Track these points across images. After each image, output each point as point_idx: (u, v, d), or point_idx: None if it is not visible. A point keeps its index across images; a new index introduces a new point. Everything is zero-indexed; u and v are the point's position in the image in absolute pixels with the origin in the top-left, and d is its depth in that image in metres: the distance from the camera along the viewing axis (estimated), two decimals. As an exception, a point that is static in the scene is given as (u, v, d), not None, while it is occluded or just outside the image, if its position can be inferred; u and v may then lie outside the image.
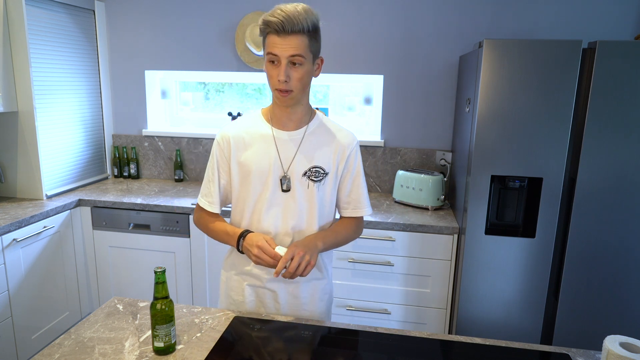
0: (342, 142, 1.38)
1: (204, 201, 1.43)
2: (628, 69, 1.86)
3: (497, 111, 1.98)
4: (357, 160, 1.42)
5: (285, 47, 1.20)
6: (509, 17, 2.61)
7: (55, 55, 2.66)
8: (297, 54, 1.21)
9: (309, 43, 1.23)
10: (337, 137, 1.38)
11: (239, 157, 1.36)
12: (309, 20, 1.21)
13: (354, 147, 1.40)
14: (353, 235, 1.46)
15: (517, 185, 2.05)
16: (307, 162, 1.35)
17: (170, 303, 1.14)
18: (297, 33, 1.20)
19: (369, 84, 2.95)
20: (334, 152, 1.37)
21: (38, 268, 2.39)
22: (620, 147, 1.93)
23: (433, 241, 2.30)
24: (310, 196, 1.36)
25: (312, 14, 1.23)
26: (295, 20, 1.19)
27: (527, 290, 2.11)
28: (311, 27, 1.22)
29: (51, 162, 2.70)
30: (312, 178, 1.35)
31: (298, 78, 1.24)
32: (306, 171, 1.35)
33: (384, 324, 2.44)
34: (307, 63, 1.25)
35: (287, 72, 1.23)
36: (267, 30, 1.21)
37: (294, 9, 1.19)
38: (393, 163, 2.90)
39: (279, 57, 1.21)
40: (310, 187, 1.35)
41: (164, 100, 3.28)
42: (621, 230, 1.99)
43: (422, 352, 1.20)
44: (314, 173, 1.35)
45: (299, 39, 1.20)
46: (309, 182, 1.35)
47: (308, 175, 1.35)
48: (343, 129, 1.41)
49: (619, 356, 1.00)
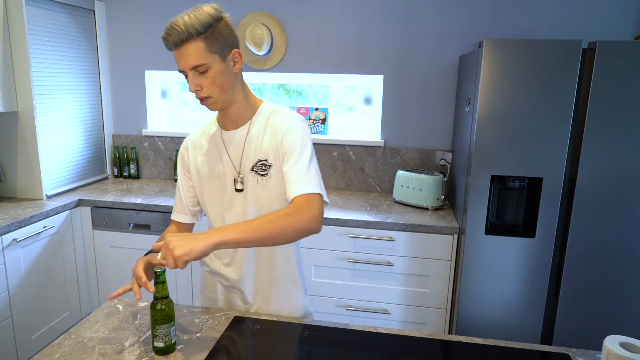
0: (278, 128, 1.30)
1: (173, 212, 1.46)
2: (628, 69, 1.86)
3: (497, 111, 1.98)
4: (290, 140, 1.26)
5: (184, 59, 1.16)
6: (509, 17, 2.61)
7: (55, 55, 2.66)
8: (196, 65, 1.16)
9: (207, 45, 1.16)
10: (275, 124, 1.31)
11: (197, 163, 1.38)
12: (199, 23, 1.13)
13: (286, 129, 1.28)
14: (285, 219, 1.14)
15: (517, 185, 2.05)
16: (253, 157, 1.32)
17: (170, 303, 1.14)
18: (188, 41, 1.14)
19: (369, 84, 2.95)
20: (272, 140, 1.30)
21: (38, 268, 2.39)
22: (620, 147, 1.93)
23: (433, 241, 2.30)
24: (261, 191, 1.32)
25: (204, 14, 1.15)
26: (180, 29, 1.12)
27: (527, 290, 2.11)
28: (202, 29, 1.14)
29: (51, 162, 2.70)
30: (259, 172, 1.31)
31: (209, 83, 1.19)
32: (253, 166, 1.31)
33: (384, 324, 2.44)
34: (215, 64, 1.18)
35: (196, 81, 1.19)
36: (168, 48, 1.18)
37: (181, 18, 1.14)
38: (393, 163, 2.90)
39: (184, 70, 1.18)
40: (260, 182, 1.32)
41: (164, 100, 3.28)
42: (621, 230, 1.99)
43: (422, 352, 1.20)
44: (260, 167, 1.31)
45: (193, 47, 1.15)
46: (257, 177, 1.32)
47: (255, 170, 1.32)
48: (287, 115, 1.32)
49: (619, 356, 1.00)
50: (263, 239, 1.12)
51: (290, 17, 2.84)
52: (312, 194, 1.20)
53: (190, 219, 1.45)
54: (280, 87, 3.13)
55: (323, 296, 2.46)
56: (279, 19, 2.84)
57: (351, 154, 2.92)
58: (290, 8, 2.82)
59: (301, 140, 1.27)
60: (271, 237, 1.12)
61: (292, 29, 2.85)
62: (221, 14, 1.20)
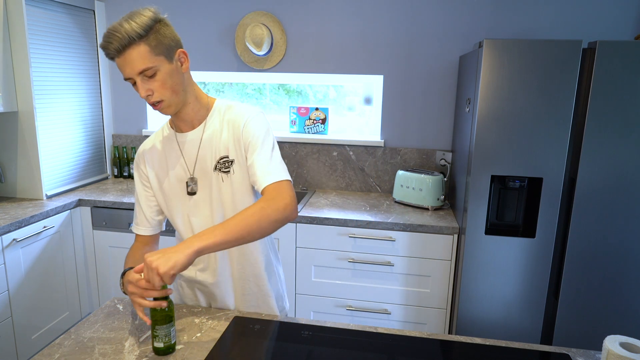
0: (235, 122, 1.28)
1: (133, 224, 1.42)
2: (628, 69, 1.86)
3: (497, 111, 1.98)
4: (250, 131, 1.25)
5: (129, 66, 1.13)
6: (509, 17, 2.61)
7: (55, 55, 2.66)
8: (143, 69, 1.13)
9: (150, 48, 1.13)
10: (231, 118, 1.29)
11: (155, 170, 1.35)
12: (137, 27, 1.10)
13: (244, 121, 1.26)
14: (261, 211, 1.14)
15: (517, 185, 2.06)
16: (214, 156, 1.30)
17: (170, 303, 1.14)
18: (129, 46, 1.11)
19: (369, 84, 2.95)
20: (230, 135, 1.28)
21: (38, 268, 2.39)
22: (620, 147, 1.93)
23: (433, 241, 2.30)
24: (226, 189, 1.31)
25: (141, 17, 1.12)
26: (120, 35, 1.09)
27: (527, 290, 2.11)
28: (143, 32, 1.11)
29: (51, 162, 2.70)
30: (222, 170, 1.29)
31: (159, 86, 1.17)
32: (216, 165, 1.30)
33: (384, 324, 2.44)
34: (162, 66, 1.16)
35: (145, 87, 1.16)
36: (110, 57, 1.14)
37: (119, 24, 1.10)
38: (393, 163, 2.90)
39: (131, 77, 1.15)
40: (225, 180, 1.30)
41: (164, 100, 3.28)
42: (621, 230, 1.99)
43: (422, 352, 1.20)
44: (223, 164, 1.29)
45: (135, 52, 1.11)
46: (221, 174, 1.30)
47: (219, 168, 1.29)
48: (241, 108, 1.30)
49: (619, 356, 1.00)
50: (242, 237, 1.11)
51: (290, 17, 2.84)
52: (280, 181, 1.20)
53: (152, 230, 1.41)
54: (280, 87, 3.13)
55: (323, 296, 2.46)
56: (279, 19, 2.84)
57: (351, 154, 2.92)
58: (290, 8, 2.82)
59: (261, 130, 1.26)
60: (250, 232, 1.12)
61: (292, 29, 2.85)
62: (159, 15, 1.17)
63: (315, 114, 2.99)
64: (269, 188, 1.20)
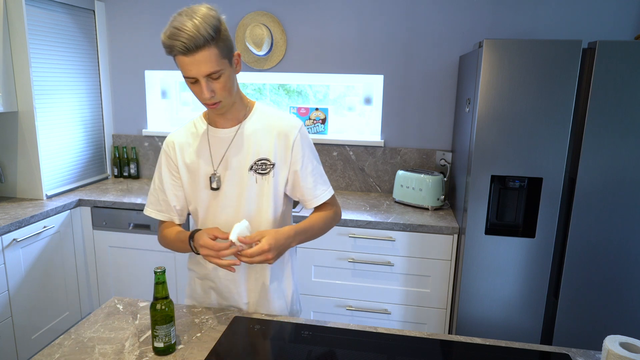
0: (284, 130, 1.32)
1: (152, 210, 1.41)
2: (628, 69, 1.86)
3: (497, 111, 1.98)
4: (303, 146, 1.34)
5: (197, 67, 1.14)
6: (509, 17, 2.61)
7: (55, 55, 2.66)
8: (211, 72, 1.15)
9: (219, 51, 1.15)
10: (279, 125, 1.33)
11: (185, 160, 1.36)
12: (210, 28, 1.11)
13: (297, 134, 1.33)
14: (331, 222, 1.41)
15: (517, 185, 2.05)
16: (251, 156, 1.32)
17: (170, 303, 1.14)
18: (202, 48, 1.12)
19: (369, 84, 2.95)
20: (277, 141, 1.32)
21: (38, 268, 2.39)
22: (620, 147, 1.93)
23: (433, 241, 2.30)
24: (260, 190, 1.33)
25: (211, 17, 1.13)
26: (196, 36, 1.10)
27: (527, 290, 2.11)
28: (214, 34, 1.13)
29: (51, 162, 2.70)
30: (259, 172, 1.32)
31: (221, 88, 1.20)
32: (252, 165, 1.32)
33: (384, 324, 2.44)
34: (226, 69, 1.19)
35: (209, 87, 1.18)
36: (173, 53, 1.14)
37: (192, 23, 1.10)
38: (393, 163, 2.90)
39: (196, 77, 1.17)
40: (259, 181, 1.33)
41: (164, 100, 3.28)
42: (621, 230, 1.99)
43: (422, 352, 1.20)
44: (261, 166, 1.32)
45: (208, 53, 1.13)
46: (256, 176, 1.32)
47: (254, 169, 1.32)
48: (285, 117, 1.35)
49: (619, 356, 1.00)
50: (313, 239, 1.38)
51: (290, 17, 2.84)
52: (333, 195, 1.43)
53: (179, 219, 1.42)
54: (280, 87, 3.13)
55: (323, 296, 2.46)
56: (279, 19, 2.84)
57: (351, 154, 2.92)
58: (290, 8, 2.82)
59: (311, 145, 1.38)
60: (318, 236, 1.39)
61: (292, 29, 2.85)
62: (221, 15, 1.18)
63: (315, 114, 2.99)
64: (329, 202, 1.42)
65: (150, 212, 1.42)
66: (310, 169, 1.36)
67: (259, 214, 1.35)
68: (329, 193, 1.40)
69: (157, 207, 1.41)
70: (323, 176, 1.40)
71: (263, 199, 1.34)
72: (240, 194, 1.33)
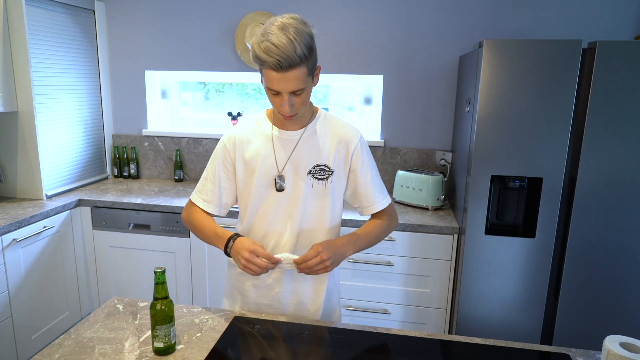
0: (345, 138, 1.36)
1: (197, 198, 1.41)
2: (628, 69, 1.86)
3: (497, 111, 1.98)
4: (362, 155, 1.37)
5: (285, 84, 1.15)
6: (509, 17, 2.61)
7: (55, 55, 2.66)
8: (298, 89, 1.17)
9: (307, 70, 1.16)
10: (340, 133, 1.36)
11: (244, 156, 1.36)
12: (303, 47, 1.12)
13: (357, 143, 1.36)
14: (387, 228, 1.43)
15: (517, 185, 2.05)
16: (311, 161, 1.34)
17: (170, 303, 1.14)
18: (296, 67, 1.13)
19: (369, 84, 2.96)
20: (337, 149, 1.35)
21: (38, 268, 2.39)
22: (620, 147, 1.93)
23: (433, 241, 2.30)
24: (316, 195, 1.35)
25: (304, 35, 1.13)
26: (291, 55, 1.10)
27: (527, 290, 2.11)
28: (307, 53, 1.14)
29: (51, 162, 2.70)
30: (316, 177, 1.34)
31: (301, 102, 1.22)
32: (310, 170, 1.34)
33: (384, 324, 2.44)
34: (309, 86, 1.21)
35: (291, 102, 1.20)
36: (264, 66, 1.15)
37: (287, 40, 1.10)
38: (393, 163, 2.90)
39: (281, 92, 1.18)
40: (315, 186, 1.34)
41: (164, 100, 3.29)
42: (621, 230, 1.99)
43: (422, 352, 1.20)
44: (319, 171, 1.34)
45: (298, 72, 1.14)
46: (313, 180, 1.34)
47: (312, 174, 1.34)
48: (347, 125, 1.38)
49: (619, 356, 1.00)
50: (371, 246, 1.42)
51: (290, 17, 2.83)
52: (392, 203, 1.45)
53: (218, 212, 1.42)
54: (280, 87, 3.13)
55: (323, 296, 2.46)
56: (279, 19, 2.84)
57: (351, 154, 2.92)
58: (290, 8, 2.82)
59: (370, 154, 1.41)
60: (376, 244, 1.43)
61: (292, 29, 2.85)
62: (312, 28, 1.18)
63: (315, 114, 2.99)
64: (387, 210, 1.44)
65: (197, 199, 1.42)
66: (369, 177, 1.38)
67: (314, 219, 1.37)
68: (387, 202, 1.42)
69: (204, 196, 1.40)
70: (381, 185, 1.43)
71: (319, 204, 1.35)
72: (295, 197, 1.35)
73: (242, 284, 1.45)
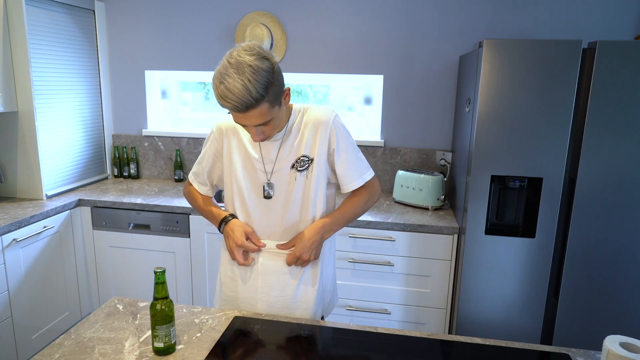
0: (318, 122, 1.36)
1: (194, 180, 1.51)
2: (628, 69, 1.86)
3: (497, 111, 1.98)
4: (337, 135, 1.36)
5: (249, 120, 1.19)
6: (509, 17, 2.61)
7: (55, 55, 2.66)
8: (261, 123, 1.20)
9: (269, 104, 1.17)
10: (314, 119, 1.36)
11: (231, 150, 1.40)
12: (260, 87, 1.12)
13: (331, 123, 1.35)
14: (365, 204, 1.46)
15: (517, 185, 2.05)
16: (292, 155, 1.36)
17: (170, 303, 1.14)
18: (254, 107, 1.15)
19: (369, 84, 2.95)
20: (313, 136, 1.36)
21: (38, 268, 2.39)
22: (620, 147, 1.93)
23: (433, 241, 2.30)
24: (298, 187, 1.37)
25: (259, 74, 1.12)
26: (247, 100, 1.12)
27: (527, 290, 2.11)
28: (264, 92, 1.14)
29: (51, 162, 2.70)
30: (298, 169, 1.36)
31: (270, 129, 1.26)
32: (293, 164, 1.37)
33: (384, 324, 2.44)
34: (275, 113, 1.23)
35: (259, 131, 1.24)
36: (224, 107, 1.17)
37: (242, 85, 1.10)
38: (393, 163, 2.90)
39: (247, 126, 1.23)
40: (298, 179, 1.37)
41: (164, 100, 3.28)
42: (621, 230, 1.99)
43: (422, 352, 1.20)
44: (299, 163, 1.36)
45: (259, 111, 1.16)
46: (296, 173, 1.36)
47: (295, 167, 1.37)
48: (320, 109, 1.38)
49: (619, 356, 1.00)
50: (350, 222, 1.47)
51: (290, 17, 2.84)
52: (373, 177, 1.45)
53: (212, 193, 1.53)
54: (280, 87, 3.13)
55: (323, 296, 2.46)
56: (279, 19, 2.84)
57: (351, 154, 2.92)
58: (290, 8, 2.82)
59: (345, 132, 1.39)
60: (355, 219, 1.47)
61: (292, 29, 2.85)
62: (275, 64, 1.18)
63: (315, 114, 2.99)
64: (367, 185, 1.45)
65: (193, 181, 1.52)
66: (344, 156, 1.38)
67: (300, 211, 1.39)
68: (362, 180, 1.42)
69: (199, 179, 1.50)
70: (358, 161, 1.42)
71: (304, 194, 1.38)
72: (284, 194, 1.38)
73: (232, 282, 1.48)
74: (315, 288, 1.44)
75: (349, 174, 1.40)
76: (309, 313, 1.44)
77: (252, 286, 1.44)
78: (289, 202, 1.38)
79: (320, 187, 1.39)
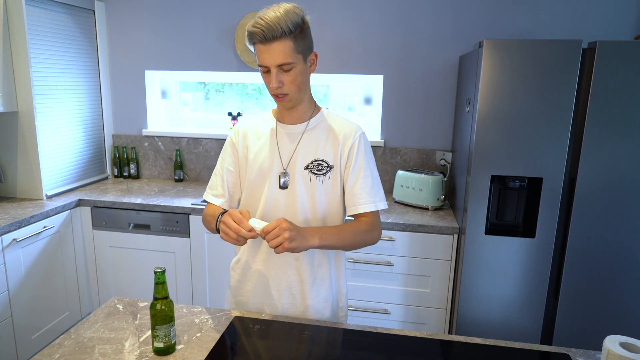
0: (344, 134, 1.35)
1: (208, 194, 1.44)
2: (628, 69, 1.86)
3: (497, 111, 1.98)
4: (359, 151, 1.34)
5: (271, 56, 1.20)
6: (509, 17, 2.61)
7: (55, 55, 2.66)
8: (283, 63, 1.20)
9: (295, 45, 1.20)
10: (340, 129, 1.36)
11: (249, 151, 1.39)
12: (290, 22, 1.18)
13: (356, 138, 1.34)
14: (364, 235, 1.32)
15: (517, 185, 2.05)
16: (309, 156, 1.34)
17: (170, 303, 1.14)
18: (280, 39, 1.18)
19: (369, 84, 2.95)
20: (336, 145, 1.34)
21: (38, 268, 2.39)
22: (620, 147, 1.93)
23: (433, 241, 2.30)
24: (312, 190, 1.34)
25: (293, 14, 1.19)
26: (275, 27, 1.16)
27: (527, 290, 2.11)
28: (294, 28, 1.19)
29: (51, 162, 2.70)
30: (314, 172, 1.34)
31: (290, 81, 1.24)
32: (308, 164, 1.34)
33: (384, 324, 2.44)
34: (298, 64, 1.23)
35: (279, 78, 1.23)
36: (253, 41, 1.21)
37: (274, 15, 1.17)
38: (393, 163, 2.90)
39: (268, 66, 1.22)
40: (312, 181, 1.34)
41: (164, 100, 3.29)
42: (621, 230, 1.99)
43: (422, 352, 1.20)
44: (317, 166, 1.34)
45: (283, 45, 1.18)
46: (310, 175, 1.34)
47: (310, 168, 1.34)
48: (347, 121, 1.38)
49: (619, 356, 1.00)
50: (343, 247, 1.31)
51: (290, 17, 2.83)
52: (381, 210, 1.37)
53: (229, 205, 1.43)
54: (280, 87, 3.13)
55: (323, 296, 2.46)
56: (279, 19, 2.84)
57: (351, 154, 2.92)
58: (290, 8, 2.82)
59: (368, 153, 1.37)
60: (349, 247, 1.31)
61: (292, 29, 2.85)
62: (306, 16, 1.24)
63: (315, 114, 2.99)
64: (373, 215, 1.35)
65: (207, 195, 1.44)
66: (360, 176, 1.34)
67: (310, 215, 1.36)
68: (371, 207, 1.33)
69: (214, 191, 1.42)
70: (374, 188, 1.35)
71: (317, 199, 1.35)
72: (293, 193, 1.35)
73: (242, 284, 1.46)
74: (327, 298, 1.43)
75: (361, 195, 1.33)
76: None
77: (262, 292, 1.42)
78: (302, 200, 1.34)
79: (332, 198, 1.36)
